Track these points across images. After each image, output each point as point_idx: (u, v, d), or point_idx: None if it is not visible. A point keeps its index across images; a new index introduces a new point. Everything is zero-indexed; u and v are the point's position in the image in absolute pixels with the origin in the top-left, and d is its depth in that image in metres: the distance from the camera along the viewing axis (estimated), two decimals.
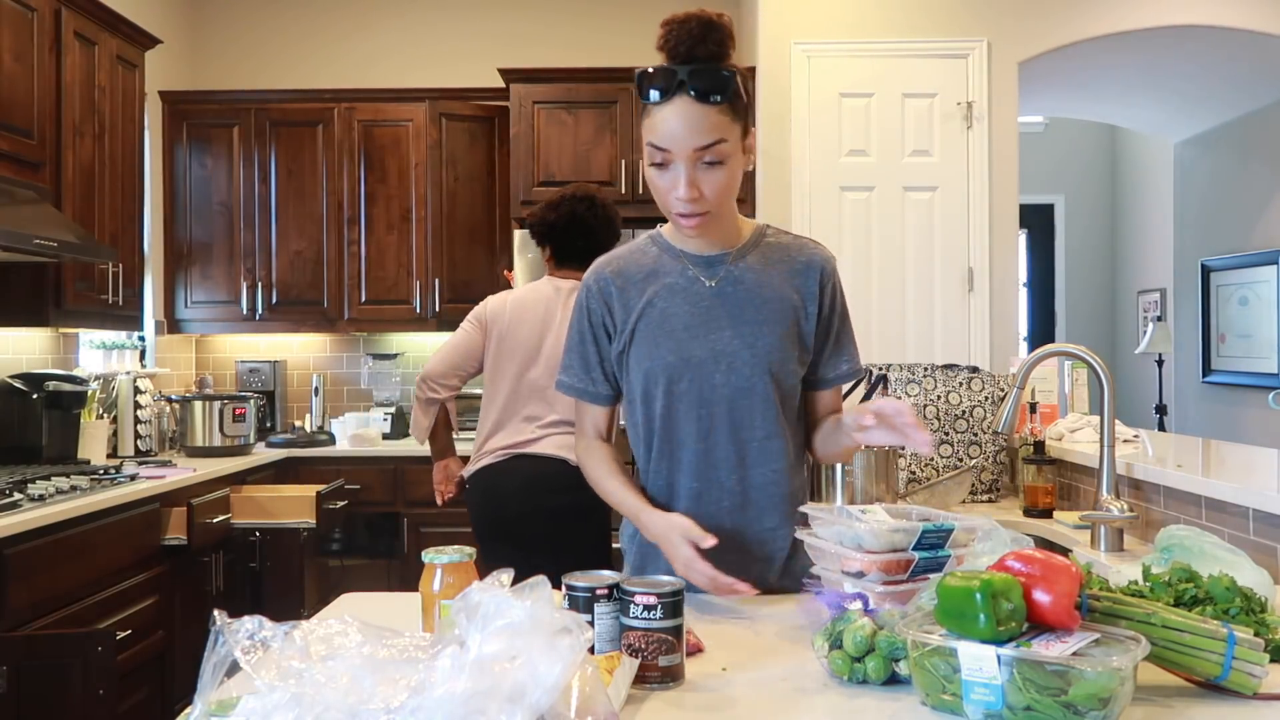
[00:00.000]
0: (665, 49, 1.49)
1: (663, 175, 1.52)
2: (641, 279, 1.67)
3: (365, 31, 5.19)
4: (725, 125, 1.48)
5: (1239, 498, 1.94)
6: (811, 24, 4.39)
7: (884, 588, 1.32)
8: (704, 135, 1.47)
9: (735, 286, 1.64)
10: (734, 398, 1.62)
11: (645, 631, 1.19)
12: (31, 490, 2.87)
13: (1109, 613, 1.18)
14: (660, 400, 1.64)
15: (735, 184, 1.55)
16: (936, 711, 1.11)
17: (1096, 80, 5.39)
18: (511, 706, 0.82)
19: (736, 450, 1.64)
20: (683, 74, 1.46)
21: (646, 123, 1.51)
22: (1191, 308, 6.67)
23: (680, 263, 1.66)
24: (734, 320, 1.63)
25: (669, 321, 1.64)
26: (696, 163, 1.49)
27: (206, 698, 0.85)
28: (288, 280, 4.78)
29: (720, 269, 1.64)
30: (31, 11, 3.24)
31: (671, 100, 1.47)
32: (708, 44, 1.47)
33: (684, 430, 1.64)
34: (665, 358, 1.63)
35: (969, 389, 2.93)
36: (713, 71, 1.47)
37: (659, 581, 1.24)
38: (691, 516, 1.57)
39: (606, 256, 1.74)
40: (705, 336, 1.63)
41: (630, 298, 1.66)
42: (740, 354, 1.62)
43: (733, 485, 1.64)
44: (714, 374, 1.62)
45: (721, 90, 1.46)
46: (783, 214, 4.35)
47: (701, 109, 1.46)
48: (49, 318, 3.43)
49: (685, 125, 1.47)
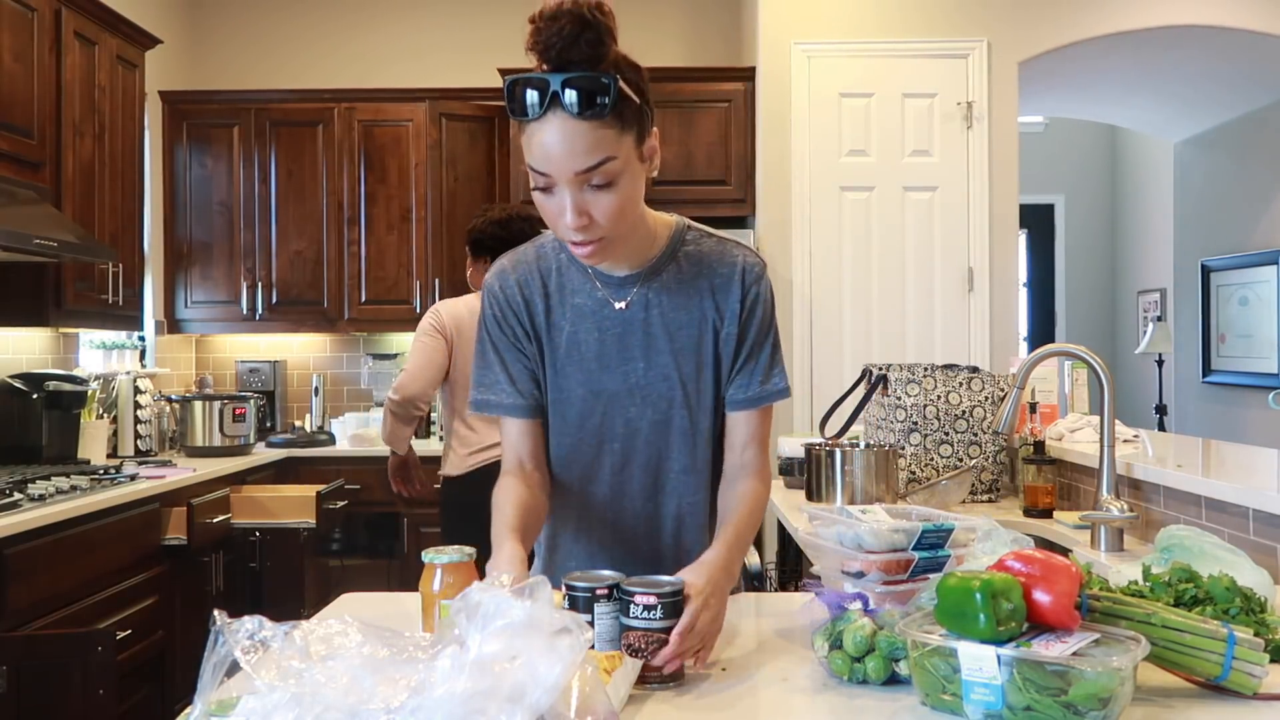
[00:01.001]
0: (536, 50, 1.28)
1: (549, 200, 1.32)
2: (543, 290, 1.50)
3: (365, 31, 5.19)
4: (610, 140, 1.27)
5: (1239, 498, 1.94)
6: (811, 24, 4.39)
7: (884, 588, 1.32)
8: (585, 156, 1.26)
9: (647, 311, 1.48)
10: (649, 432, 1.50)
11: (645, 631, 1.19)
12: (31, 490, 2.87)
13: (1109, 613, 1.18)
14: (570, 434, 1.52)
15: (632, 203, 1.35)
16: (936, 711, 1.11)
17: (1096, 80, 5.39)
18: (511, 706, 0.82)
19: (653, 481, 1.52)
20: (555, 84, 1.24)
21: (524, 142, 1.31)
22: (1191, 308, 6.67)
23: (589, 281, 1.49)
24: (646, 350, 1.48)
25: (577, 350, 1.49)
26: (582, 186, 1.29)
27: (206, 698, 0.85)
28: (288, 280, 4.78)
29: (630, 291, 1.48)
30: (31, 11, 3.24)
31: (546, 116, 1.26)
32: (580, 45, 1.25)
33: (596, 463, 1.52)
34: (575, 390, 1.50)
35: (969, 389, 2.93)
36: (589, 79, 1.24)
37: (659, 582, 1.24)
38: (607, 542, 1.53)
39: (509, 257, 1.55)
40: (618, 368, 1.49)
41: (535, 307, 1.50)
42: (655, 386, 1.49)
43: (650, 513, 1.54)
44: (629, 407, 1.50)
45: (600, 99, 1.24)
46: (783, 214, 4.35)
47: (580, 125, 1.25)
48: (49, 318, 3.43)
49: (563, 146, 1.26)
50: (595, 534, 1.56)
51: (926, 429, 2.90)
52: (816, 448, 2.81)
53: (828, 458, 2.75)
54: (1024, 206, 5.19)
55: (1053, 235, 7.77)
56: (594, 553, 1.56)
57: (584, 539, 1.56)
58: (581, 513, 1.55)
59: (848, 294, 4.34)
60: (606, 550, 1.55)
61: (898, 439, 2.92)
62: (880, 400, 2.99)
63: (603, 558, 1.54)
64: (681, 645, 1.19)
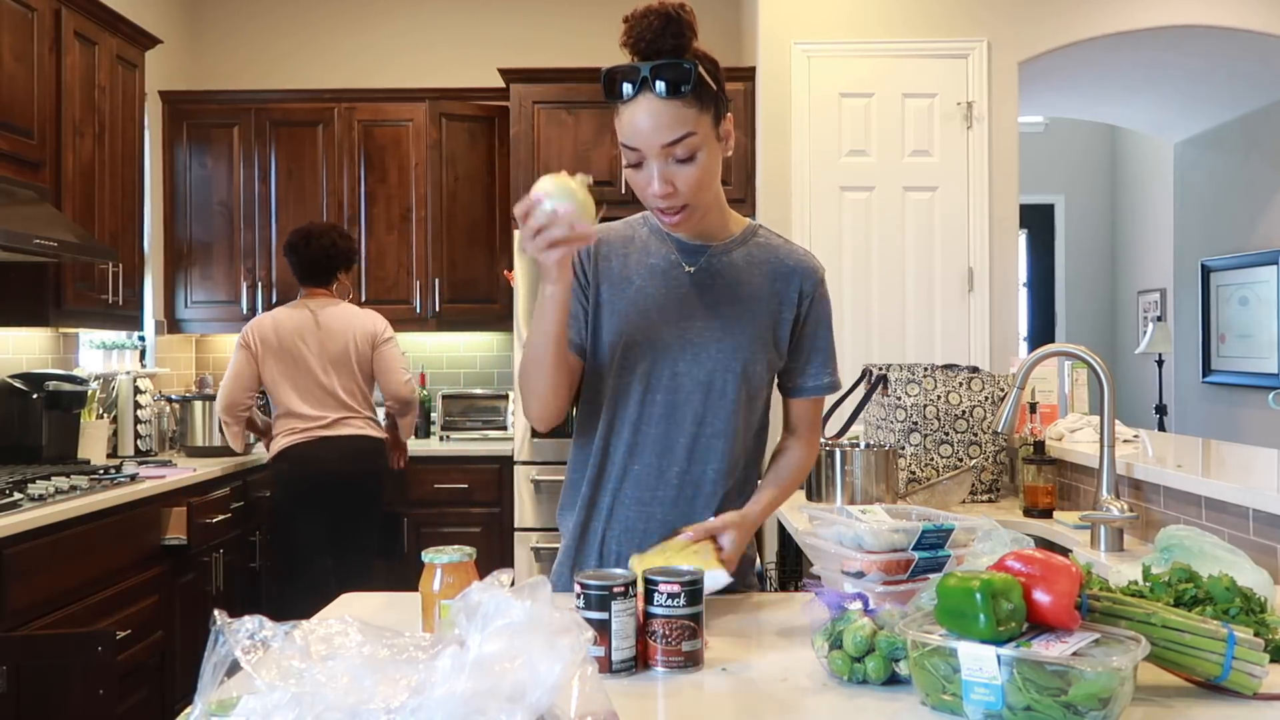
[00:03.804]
0: (629, 45, 1.48)
1: (638, 174, 1.52)
2: (624, 252, 1.65)
3: (365, 31, 5.19)
4: (692, 118, 1.47)
5: (1239, 498, 1.94)
6: (811, 24, 4.39)
7: (884, 588, 1.32)
8: (670, 131, 1.47)
9: (714, 278, 1.63)
10: (692, 389, 1.61)
11: (668, 618, 1.25)
12: (31, 490, 2.87)
13: (1109, 613, 1.18)
14: (618, 376, 1.62)
15: (711, 176, 1.54)
16: (936, 711, 1.11)
17: (1096, 80, 5.39)
18: (511, 706, 0.82)
19: (685, 441, 1.62)
20: (645, 70, 1.45)
21: (618, 122, 1.51)
22: (1191, 308, 6.67)
23: (665, 246, 1.65)
24: (708, 311, 1.61)
25: (642, 300, 1.62)
26: (667, 159, 1.49)
27: (206, 698, 0.85)
28: (288, 280, 4.78)
29: (702, 258, 1.63)
30: (31, 11, 3.24)
31: (637, 99, 1.47)
32: (667, 37, 1.45)
33: (637, 413, 1.62)
34: (632, 335, 1.61)
35: (969, 389, 2.93)
36: (673, 66, 1.45)
37: (680, 571, 1.30)
38: (628, 499, 1.63)
39: (600, 227, 1.69)
40: (676, 322, 1.61)
41: (610, 263, 1.65)
42: (707, 347, 1.61)
43: (674, 476, 1.62)
44: (678, 361, 1.61)
45: (683, 84, 1.45)
46: (782, 214, 4.35)
47: (666, 104, 1.46)
48: (49, 318, 3.43)
49: (652, 122, 1.46)
50: (632, 494, 1.64)
51: (926, 429, 2.90)
52: None
53: (828, 458, 2.75)
54: (1024, 206, 5.19)
55: (1053, 235, 7.77)
56: (629, 512, 1.64)
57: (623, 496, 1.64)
58: (624, 466, 1.64)
59: (848, 294, 4.34)
60: (642, 509, 1.63)
61: (898, 439, 2.92)
62: (880, 400, 2.99)
63: (637, 517, 1.63)
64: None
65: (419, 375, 5.09)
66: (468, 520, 4.43)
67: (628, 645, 1.24)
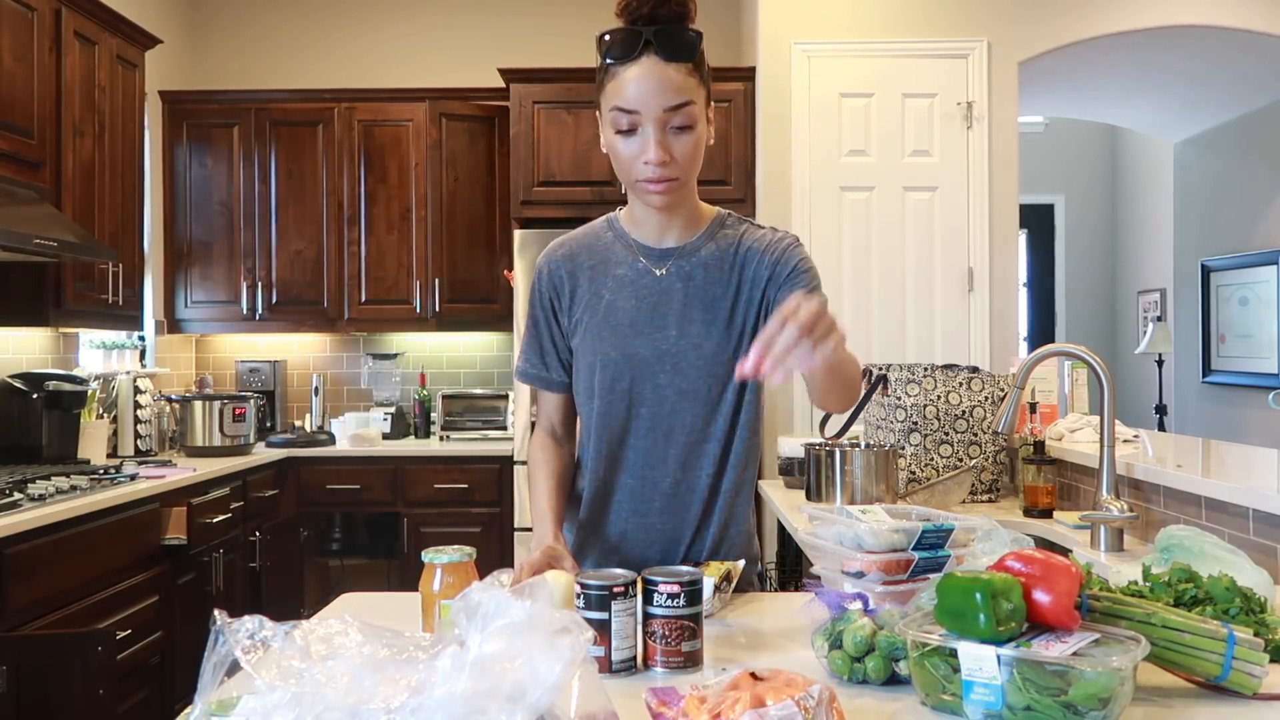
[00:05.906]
0: (624, 13, 1.44)
1: (629, 141, 1.46)
2: (591, 266, 1.62)
3: (365, 31, 5.19)
4: (693, 88, 1.44)
5: (1239, 498, 1.94)
6: (811, 24, 4.39)
7: (884, 588, 1.32)
8: (673, 95, 1.42)
9: (685, 281, 1.58)
10: (677, 400, 1.58)
11: (667, 619, 1.25)
12: (31, 490, 2.87)
13: (1109, 613, 1.18)
14: (601, 397, 1.60)
15: (701, 151, 1.49)
16: (936, 711, 1.11)
17: (1096, 80, 5.39)
18: (511, 706, 0.82)
19: (676, 452, 1.60)
20: (648, 34, 1.41)
21: (610, 87, 1.45)
22: (1191, 308, 6.67)
23: (631, 253, 1.60)
24: (679, 319, 1.57)
25: (614, 316, 1.58)
26: (666, 125, 1.44)
27: (206, 697, 0.85)
28: (288, 280, 4.78)
29: (669, 261, 1.59)
30: (31, 11, 3.24)
31: (638, 60, 1.42)
32: (670, 5, 1.42)
33: (624, 428, 1.60)
34: (609, 354, 1.58)
35: (969, 389, 2.93)
36: (680, 31, 1.42)
37: (679, 571, 1.29)
38: (625, 512, 1.62)
39: (561, 239, 1.68)
40: (650, 334, 1.58)
41: (579, 284, 1.62)
42: (685, 355, 1.57)
43: (667, 487, 1.61)
44: (658, 374, 1.58)
45: (689, 51, 1.43)
46: (782, 214, 4.35)
47: (669, 68, 1.42)
48: (49, 318, 3.43)
49: (655, 84, 1.41)
50: (627, 505, 1.63)
51: (926, 429, 2.90)
52: (816, 448, 2.81)
53: (828, 458, 2.75)
54: (1024, 206, 5.19)
55: (1053, 235, 7.77)
56: (625, 524, 1.63)
57: (617, 509, 1.63)
58: (615, 481, 1.63)
59: (848, 294, 4.34)
60: (640, 520, 1.62)
61: (898, 439, 2.92)
62: (880, 400, 2.99)
63: (635, 528, 1.62)
64: (782, 330, 1.12)
65: (419, 375, 5.09)
66: (468, 520, 4.43)
67: (628, 645, 1.24)
